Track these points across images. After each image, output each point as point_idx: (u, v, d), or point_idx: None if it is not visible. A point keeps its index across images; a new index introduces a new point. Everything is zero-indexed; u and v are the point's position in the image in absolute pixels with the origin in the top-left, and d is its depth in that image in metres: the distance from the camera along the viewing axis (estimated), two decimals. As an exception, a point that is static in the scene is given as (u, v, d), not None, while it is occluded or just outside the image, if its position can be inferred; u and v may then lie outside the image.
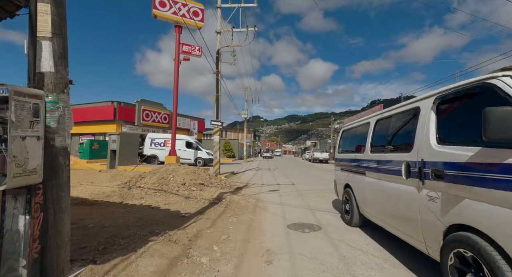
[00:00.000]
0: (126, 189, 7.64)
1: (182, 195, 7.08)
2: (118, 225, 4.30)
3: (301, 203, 6.72)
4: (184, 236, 3.72)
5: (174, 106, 14.26)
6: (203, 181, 8.36)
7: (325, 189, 9.25)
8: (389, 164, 3.18)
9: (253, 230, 4.29)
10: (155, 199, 6.57)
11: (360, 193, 4.14)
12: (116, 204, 6.09)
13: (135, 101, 25.10)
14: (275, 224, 4.70)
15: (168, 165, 8.66)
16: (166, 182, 7.84)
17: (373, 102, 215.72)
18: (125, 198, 6.85)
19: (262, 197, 7.46)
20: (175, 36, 14.20)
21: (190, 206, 5.99)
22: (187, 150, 18.13)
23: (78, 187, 8.62)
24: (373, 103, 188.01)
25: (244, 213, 5.49)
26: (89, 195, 7.25)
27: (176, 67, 14.04)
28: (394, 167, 3.02)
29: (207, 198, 6.91)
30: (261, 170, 18.17)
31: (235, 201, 6.56)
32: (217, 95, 11.70)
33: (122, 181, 9.16)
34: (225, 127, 58.50)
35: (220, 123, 11.70)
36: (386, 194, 3.23)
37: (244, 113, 30.96)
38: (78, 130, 25.24)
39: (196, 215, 5.15)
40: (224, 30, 12.20)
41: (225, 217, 5.05)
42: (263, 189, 9.02)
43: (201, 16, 14.52)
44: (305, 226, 4.50)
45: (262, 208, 6.01)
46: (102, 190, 8.04)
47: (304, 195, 7.98)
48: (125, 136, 14.57)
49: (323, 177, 13.53)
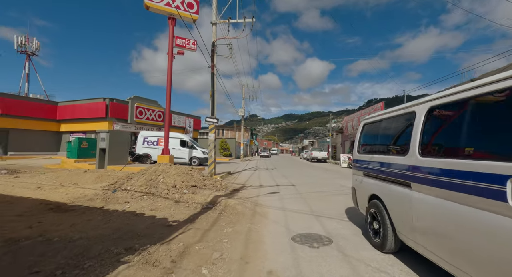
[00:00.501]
0: (111, 192, 6.91)
1: (172, 199, 6.37)
2: (89, 238, 3.59)
3: (304, 207, 6.06)
4: (167, 255, 3.03)
5: (167, 102, 13.50)
6: (196, 182, 7.66)
7: (328, 191, 8.61)
8: (471, 177, 1.98)
9: (251, 244, 3.61)
10: (141, 204, 5.85)
11: (400, 211, 2.95)
12: (95, 209, 5.37)
13: (128, 98, 24.26)
14: (277, 235, 4.02)
15: (158, 165, 7.94)
16: (155, 184, 7.13)
17: (370, 101, 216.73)
18: (108, 202, 6.13)
19: (261, 200, 6.79)
20: (169, 29, 13.44)
21: (180, 212, 5.29)
22: (181, 149, 17.38)
23: (59, 189, 7.86)
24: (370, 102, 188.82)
25: (240, 220, 4.80)
26: (68, 198, 6.50)
27: (170, 61, 13.28)
28: (484, 185, 1.87)
29: (200, 202, 6.21)
30: (259, 169, 17.50)
31: (231, 205, 5.87)
32: (212, 90, 10.98)
33: (109, 182, 8.41)
34: (222, 126, 57.76)
35: (216, 120, 10.98)
36: (465, 226, 2.03)
37: (241, 111, 30.23)
38: (68, 128, 24.36)
39: (185, 224, 4.46)
40: (219, 21, 11.46)
41: (218, 227, 4.36)
42: (261, 191, 8.35)
43: (196, 8, 13.74)
44: (312, 239, 3.83)
45: (261, 214, 5.34)
46: (84, 192, 7.29)
47: (306, 197, 7.32)
48: (115, 134, 13.78)
49: (323, 177, 12.91)
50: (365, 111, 21.36)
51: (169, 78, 13.32)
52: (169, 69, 13.32)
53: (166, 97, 13.47)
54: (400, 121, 3.28)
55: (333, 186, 9.68)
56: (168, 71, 13.34)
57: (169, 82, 13.35)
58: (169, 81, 13.35)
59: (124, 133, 15.34)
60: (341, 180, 11.88)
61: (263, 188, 8.88)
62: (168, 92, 13.45)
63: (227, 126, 60.35)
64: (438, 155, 2.44)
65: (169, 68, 13.30)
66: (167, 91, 13.42)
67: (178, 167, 8.15)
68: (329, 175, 14.07)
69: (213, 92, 10.95)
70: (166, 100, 13.52)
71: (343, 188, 9.17)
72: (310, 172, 16.35)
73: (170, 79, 13.35)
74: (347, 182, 10.93)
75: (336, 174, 14.81)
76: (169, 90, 13.44)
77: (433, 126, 2.65)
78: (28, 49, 41.79)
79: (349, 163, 20.74)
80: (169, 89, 13.42)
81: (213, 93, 10.97)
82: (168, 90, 13.42)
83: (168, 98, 13.49)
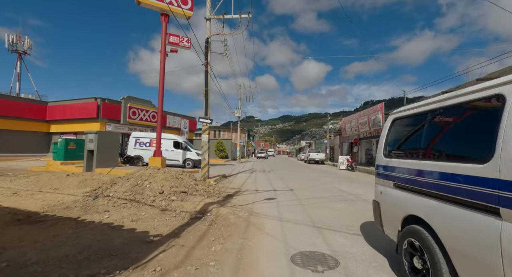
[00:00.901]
0: (92, 199, 6.28)
1: (158, 207, 5.77)
2: (48, 260, 2.99)
3: (304, 217, 5.49)
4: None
5: (159, 102, 12.90)
6: (187, 188, 7.05)
7: (328, 197, 8.06)
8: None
9: (243, 267, 3.03)
10: (122, 213, 5.23)
11: (473, 255, 1.86)
12: (69, 221, 4.74)
13: (121, 98, 23.55)
14: (274, 254, 3.45)
15: (145, 169, 7.31)
16: (141, 190, 6.51)
17: (366, 103, 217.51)
18: (87, 211, 5.51)
19: (256, 208, 6.21)
20: (161, 25, 12.85)
21: (165, 224, 4.69)
22: (175, 151, 16.73)
23: (36, 195, 7.20)
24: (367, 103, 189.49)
25: (232, 234, 4.22)
26: (42, 207, 5.86)
27: (162, 59, 12.68)
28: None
29: (189, 210, 5.61)
30: (255, 172, 16.91)
31: (223, 215, 5.29)
32: (206, 89, 10.39)
33: (93, 187, 7.76)
34: (218, 127, 57.07)
35: (210, 121, 10.40)
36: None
37: (237, 112, 29.64)
38: (59, 129, 23.57)
39: (168, 239, 3.87)
40: (214, 16, 10.90)
41: (206, 243, 3.78)
42: (257, 197, 7.77)
43: (190, 4, 13.18)
44: (315, 259, 3.26)
45: (256, 225, 4.76)
46: (63, 199, 6.66)
47: (305, 205, 6.77)
48: (103, 135, 13.11)
49: (322, 181, 12.36)
50: (364, 112, 20.93)
51: (162, 77, 12.74)
52: (161, 68, 12.73)
53: (159, 97, 12.88)
54: (468, 112, 2.26)
55: (333, 191, 9.14)
56: (161, 70, 12.75)
57: (162, 81, 12.76)
58: (161, 80, 12.76)
59: (114, 134, 14.66)
60: (340, 184, 11.35)
61: (259, 194, 8.30)
62: (161, 91, 12.86)
63: (223, 127, 59.67)
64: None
65: (162, 66, 12.71)
66: (160, 90, 12.83)
67: (167, 171, 7.54)
68: (328, 179, 13.54)
69: (206, 91, 10.37)
70: (159, 99, 12.92)
71: (343, 194, 8.63)
72: (308, 174, 15.81)
73: (162, 78, 12.76)
74: (346, 187, 10.40)
75: (335, 177, 14.29)
76: (162, 89, 12.85)
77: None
78: (19, 48, 40.80)
79: (347, 166, 20.25)
80: (162, 88, 12.83)
81: (206, 92, 10.38)
82: (160, 89, 12.82)
83: (161, 97, 12.89)
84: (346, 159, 21.05)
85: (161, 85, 12.73)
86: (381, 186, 3.39)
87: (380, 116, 17.17)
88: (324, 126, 47.35)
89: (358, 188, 10.16)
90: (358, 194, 8.67)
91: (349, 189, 9.79)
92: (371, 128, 19.18)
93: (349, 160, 20.30)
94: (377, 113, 17.63)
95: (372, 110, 18.96)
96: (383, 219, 3.28)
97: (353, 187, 10.42)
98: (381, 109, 17.23)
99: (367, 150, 26.91)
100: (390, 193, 3.12)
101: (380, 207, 3.35)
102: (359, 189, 9.87)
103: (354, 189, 9.82)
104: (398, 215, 2.86)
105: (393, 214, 3.01)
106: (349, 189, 9.79)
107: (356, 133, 24.25)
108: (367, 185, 11.07)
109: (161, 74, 12.67)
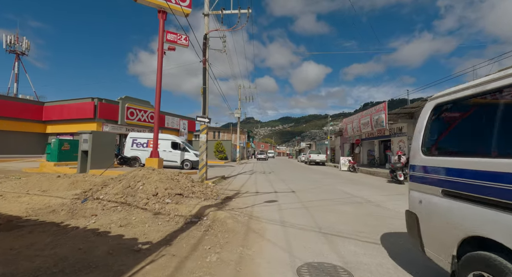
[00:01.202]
0: (80, 202, 5.87)
1: (151, 210, 5.35)
2: (17, 274, 2.57)
3: (309, 221, 5.07)
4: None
5: (156, 101, 12.52)
6: (183, 190, 6.63)
7: (333, 199, 7.64)
8: None
9: (242, 282, 2.61)
10: (111, 218, 4.81)
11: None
12: (50, 227, 4.32)
13: (119, 98, 23.16)
14: (278, 266, 3.03)
15: (138, 170, 6.89)
16: (133, 192, 6.09)
17: (366, 104, 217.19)
18: (74, 215, 5.08)
19: (257, 212, 5.79)
20: (159, 23, 12.49)
21: (156, 229, 4.27)
22: (172, 152, 16.32)
23: (22, 198, 6.76)
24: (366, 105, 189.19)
25: (231, 241, 3.80)
26: (26, 210, 5.43)
27: (160, 57, 12.30)
28: None
29: (184, 214, 5.20)
30: (256, 173, 16.49)
31: (220, 219, 4.87)
32: (204, 87, 10.01)
33: (83, 189, 7.34)
34: (218, 128, 56.66)
35: (208, 120, 10.00)
36: None
37: (237, 113, 29.25)
38: (55, 130, 23.15)
39: (158, 248, 3.45)
40: (212, 12, 10.54)
41: (201, 252, 3.35)
42: (257, 199, 7.35)
43: (188, 1, 12.84)
44: (325, 272, 2.84)
45: (257, 232, 4.34)
46: (50, 202, 6.23)
47: (309, 207, 6.35)
48: (98, 135, 12.70)
49: (324, 183, 11.94)
50: (366, 113, 20.51)
51: (159, 75, 12.36)
52: (159, 66, 12.36)
53: (156, 96, 12.49)
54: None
55: (337, 193, 8.72)
56: (158, 68, 12.38)
57: (159, 80, 12.39)
58: (159, 79, 12.39)
59: (109, 134, 14.24)
60: (343, 185, 10.93)
61: (259, 196, 7.88)
62: (158, 90, 12.46)
63: (223, 129, 59.23)
64: None
65: (159, 64, 12.34)
66: (157, 89, 12.44)
67: (162, 172, 7.12)
68: (330, 180, 13.12)
69: (204, 88, 9.98)
70: (156, 98, 12.53)
71: (348, 196, 8.21)
72: (310, 176, 15.39)
73: (160, 76, 12.39)
74: (350, 189, 9.98)
75: (337, 179, 13.87)
76: (159, 88, 12.46)
77: None
78: (17, 49, 40.45)
79: (349, 167, 19.82)
80: (159, 87, 12.44)
81: (204, 90, 9.99)
82: (157, 89, 12.43)
83: (158, 96, 12.50)
84: (348, 160, 20.64)
85: (158, 84, 12.36)
86: (419, 193, 2.57)
87: (383, 116, 16.77)
88: (324, 127, 47.00)
89: (362, 190, 9.74)
90: (364, 196, 8.25)
91: (353, 191, 9.37)
92: (373, 129, 18.77)
93: (351, 161, 19.88)
94: (380, 113, 17.23)
95: (374, 110, 18.56)
96: (424, 238, 2.46)
97: (357, 189, 9.99)
98: (384, 109, 16.82)
99: (369, 151, 26.50)
100: (436, 203, 2.32)
101: (419, 222, 2.52)
102: (364, 191, 9.45)
103: (359, 191, 9.40)
104: (452, 235, 2.09)
105: (444, 233, 2.20)
106: (354, 191, 9.37)
107: (358, 134, 23.85)
108: (372, 187, 10.66)
109: (159, 73, 12.30)
